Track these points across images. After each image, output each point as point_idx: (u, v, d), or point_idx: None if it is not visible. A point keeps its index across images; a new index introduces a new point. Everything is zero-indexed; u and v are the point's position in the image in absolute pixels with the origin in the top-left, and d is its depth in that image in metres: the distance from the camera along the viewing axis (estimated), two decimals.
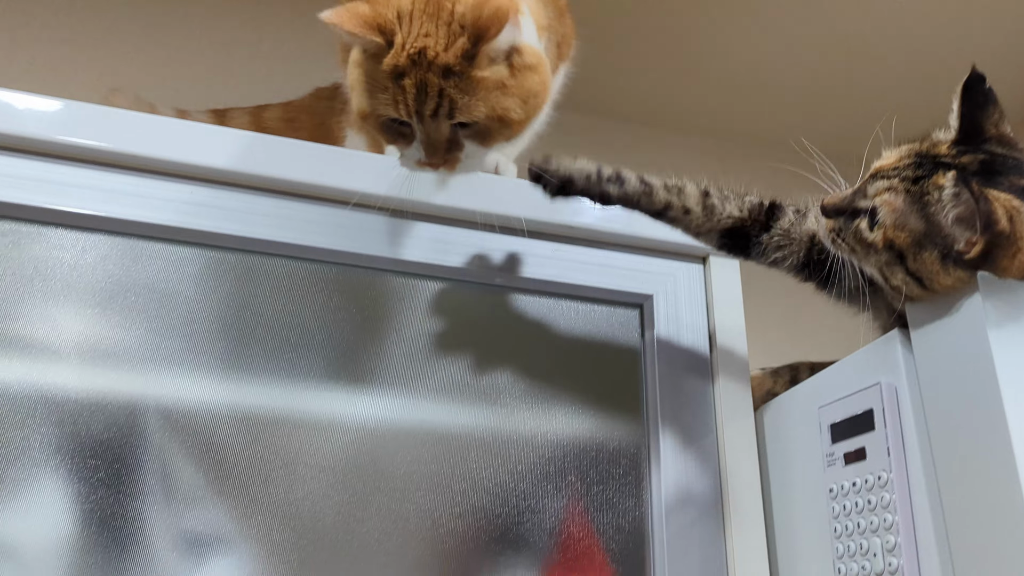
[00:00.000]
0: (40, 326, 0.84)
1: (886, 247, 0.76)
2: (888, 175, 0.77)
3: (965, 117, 0.77)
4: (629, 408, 0.97)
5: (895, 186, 0.76)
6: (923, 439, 0.75)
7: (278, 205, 0.93)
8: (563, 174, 0.85)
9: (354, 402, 0.90)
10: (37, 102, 0.88)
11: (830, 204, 0.81)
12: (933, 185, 0.74)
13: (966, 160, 0.76)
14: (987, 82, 0.77)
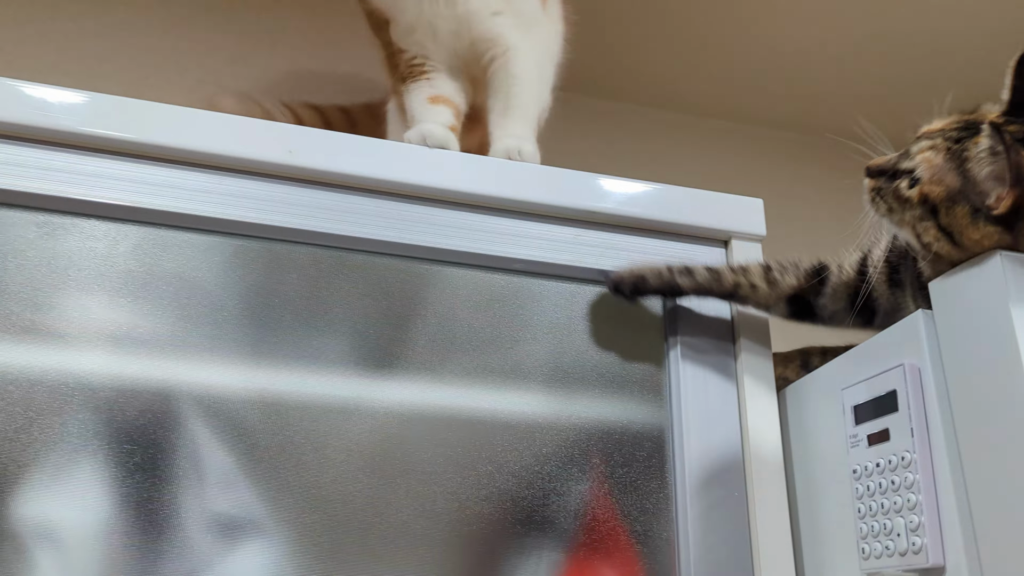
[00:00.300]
0: (75, 315, 0.86)
1: (920, 201, 0.78)
2: (932, 136, 0.80)
3: (1017, 90, 0.78)
4: (653, 390, 0.98)
5: (937, 145, 0.79)
6: (947, 420, 0.76)
7: (304, 194, 0.94)
8: (636, 275, 0.94)
9: (381, 386, 0.92)
10: (68, 95, 0.90)
11: (874, 165, 0.85)
12: (973, 143, 0.76)
13: (1012, 128, 0.76)
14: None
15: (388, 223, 0.96)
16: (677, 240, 1.04)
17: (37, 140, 0.88)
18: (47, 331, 0.85)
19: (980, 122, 0.77)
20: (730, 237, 1.04)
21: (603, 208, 1.01)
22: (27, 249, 0.86)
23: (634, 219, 1.02)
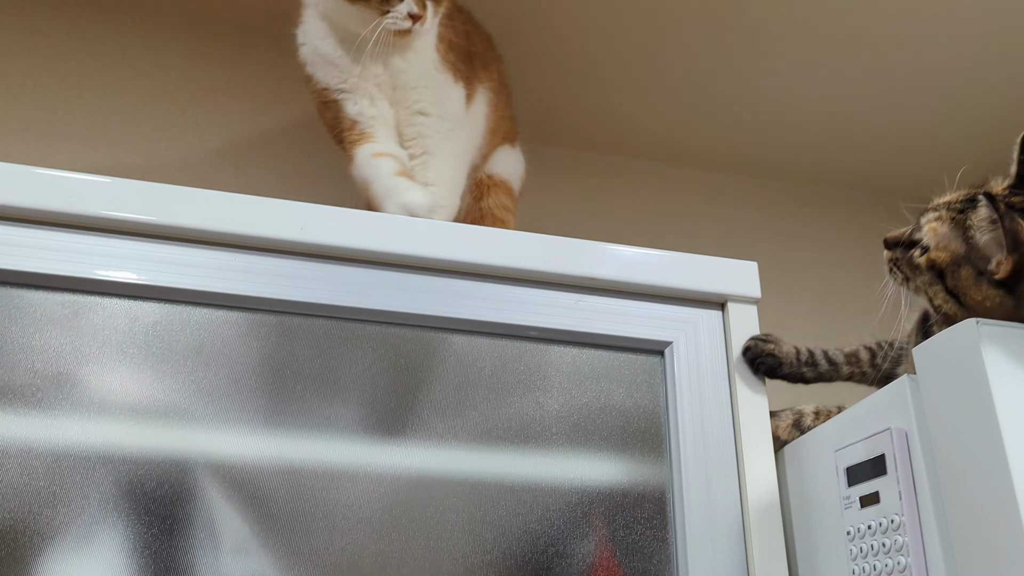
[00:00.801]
0: (97, 389, 0.90)
1: (928, 267, 0.84)
2: (938, 208, 0.86)
3: (1022, 163, 0.82)
4: (654, 453, 1.01)
5: (942, 216, 0.84)
6: (934, 483, 0.78)
7: (314, 268, 0.99)
8: (774, 360, 1.02)
9: (389, 453, 0.95)
10: (87, 181, 0.95)
11: (891, 237, 0.91)
12: (974, 213, 0.81)
13: (1016, 200, 0.80)
14: None
15: (394, 293, 1.00)
16: (676, 304, 1.07)
17: (61, 224, 0.93)
18: (71, 406, 0.89)
19: (986, 193, 0.82)
20: (727, 300, 1.07)
21: (603, 275, 1.05)
22: (52, 328, 0.91)
23: (633, 284, 1.06)
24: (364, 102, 1.20)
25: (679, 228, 1.88)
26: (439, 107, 1.20)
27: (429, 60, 1.19)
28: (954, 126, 1.81)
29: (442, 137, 1.21)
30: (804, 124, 1.82)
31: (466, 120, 1.26)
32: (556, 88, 1.72)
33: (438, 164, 1.20)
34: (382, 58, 1.16)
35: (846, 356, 1.00)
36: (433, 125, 1.20)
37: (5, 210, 0.92)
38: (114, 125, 1.54)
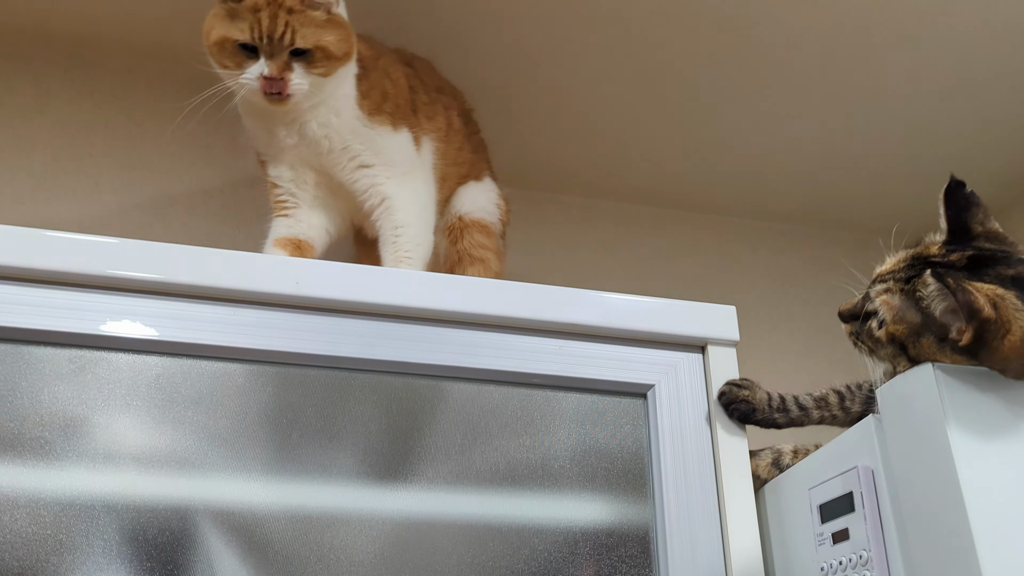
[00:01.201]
0: (103, 440, 0.95)
1: (889, 340, 0.85)
2: (885, 279, 0.87)
3: (951, 219, 0.86)
4: (637, 493, 1.04)
5: (891, 287, 0.86)
6: (899, 518, 0.81)
7: (310, 320, 1.03)
8: (748, 406, 1.05)
9: (382, 497, 0.99)
10: (92, 241, 1.00)
11: (845, 311, 0.92)
12: (922, 283, 0.82)
13: (954, 258, 0.84)
14: (967, 186, 0.86)
15: (384, 343, 1.04)
16: (657, 348, 1.11)
17: (67, 283, 0.98)
18: (78, 457, 0.93)
19: (925, 256, 0.85)
20: (706, 343, 1.12)
21: (585, 320, 1.09)
22: (59, 382, 0.96)
23: (615, 330, 1.10)
24: (283, 168, 1.25)
25: (662, 268, 1.93)
26: (380, 156, 1.23)
27: (353, 119, 1.21)
28: (927, 166, 1.86)
29: (395, 182, 1.24)
30: (783, 168, 1.87)
31: (419, 161, 1.29)
32: (541, 134, 1.78)
33: (400, 206, 1.23)
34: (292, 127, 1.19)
35: (815, 401, 1.03)
36: (381, 174, 1.23)
37: (14, 271, 0.97)
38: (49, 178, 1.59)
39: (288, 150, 1.23)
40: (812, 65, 1.59)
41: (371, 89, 1.24)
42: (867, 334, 0.87)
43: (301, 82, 1.13)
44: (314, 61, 1.14)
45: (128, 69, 1.67)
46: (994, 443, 0.76)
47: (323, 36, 1.14)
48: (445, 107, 1.37)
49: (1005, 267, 0.81)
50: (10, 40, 1.63)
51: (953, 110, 1.70)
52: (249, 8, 1.11)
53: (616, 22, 1.52)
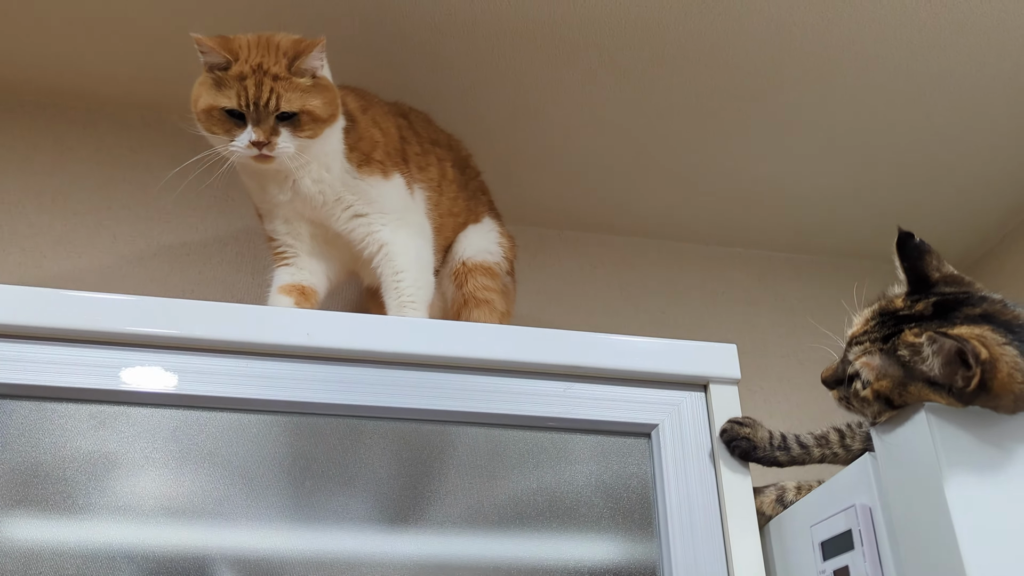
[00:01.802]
0: (123, 493, 0.98)
1: (875, 398, 0.87)
2: (861, 340, 0.89)
3: (908, 270, 0.88)
4: (644, 531, 1.06)
5: (869, 349, 0.88)
6: (897, 554, 0.83)
7: (321, 370, 1.06)
8: (750, 444, 1.07)
9: (396, 541, 1.01)
10: (113, 299, 1.04)
11: (828, 377, 0.94)
12: (903, 342, 0.84)
13: (920, 307, 0.86)
14: (916, 237, 0.88)
15: (394, 390, 1.07)
16: (660, 388, 1.14)
17: (88, 341, 1.02)
18: (99, 509, 0.97)
19: (891, 311, 0.87)
20: (708, 382, 1.14)
21: (589, 363, 1.12)
22: (81, 438, 1.00)
23: (619, 371, 1.13)
24: (277, 222, 1.29)
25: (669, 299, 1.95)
26: (374, 205, 1.27)
27: (343, 172, 1.25)
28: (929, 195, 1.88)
29: (391, 229, 1.28)
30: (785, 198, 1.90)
31: (413, 206, 1.32)
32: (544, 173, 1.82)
33: (399, 252, 1.27)
34: (285, 184, 1.23)
35: (816, 439, 1.05)
36: (376, 221, 1.27)
37: (35, 330, 1.01)
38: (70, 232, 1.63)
39: (283, 205, 1.27)
40: (810, 100, 1.63)
41: (359, 140, 1.28)
42: (854, 397, 0.89)
43: (287, 145, 1.17)
44: (300, 125, 1.18)
45: (144, 124, 1.72)
46: (985, 479, 0.78)
47: (308, 100, 1.18)
48: (439, 159, 1.41)
49: (970, 307, 0.83)
50: (31, 99, 1.69)
51: (952, 142, 1.73)
52: (235, 76, 1.15)
53: (615, 67, 1.56)
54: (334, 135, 1.24)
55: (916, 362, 0.82)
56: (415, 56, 1.55)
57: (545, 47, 1.52)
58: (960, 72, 1.56)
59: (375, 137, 1.30)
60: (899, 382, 0.83)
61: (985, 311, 0.83)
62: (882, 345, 0.85)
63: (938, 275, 0.88)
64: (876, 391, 0.85)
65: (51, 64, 1.61)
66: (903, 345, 0.83)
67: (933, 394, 0.81)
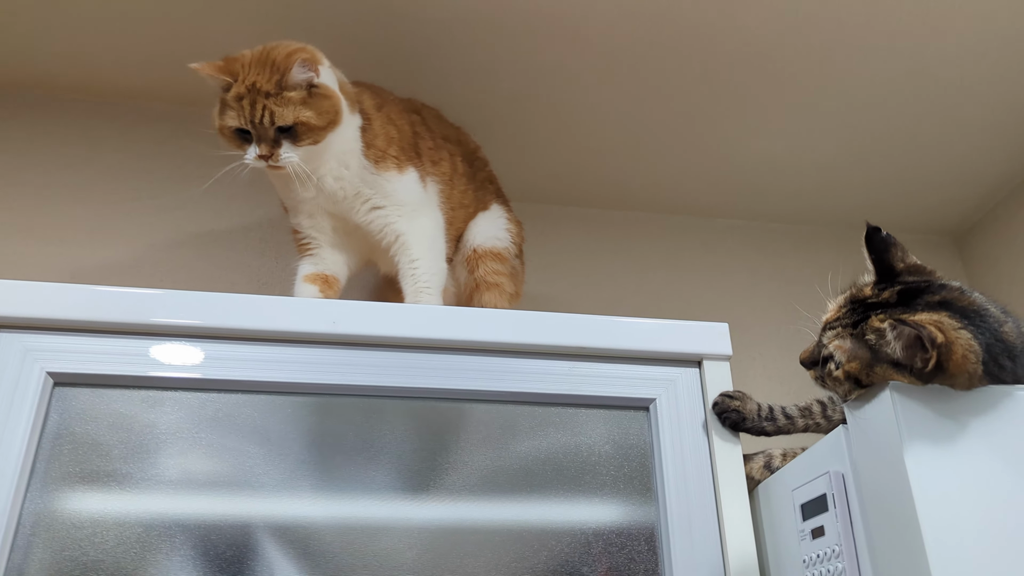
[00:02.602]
0: (175, 469, 1.09)
1: (846, 378, 0.96)
2: (834, 325, 0.98)
3: (876, 262, 0.97)
4: (644, 496, 1.17)
5: (840, 333, 0.97)
6: (865, 516, 0.93)
7: (346, 355, 1.17)
8: (739, 415, 1.16)
9: (418, 509, 1.12)
10: (166, 294, 1.15)
11: (806, 359, 1.04)
12: (870, 327, 0.94)
13: (886, 295, 0.95)
14: (883, 230, 0.97)
15: (415, 372, 1.18)
16: (658, 365, 1.23)
17: (141, 333, 1.13)
18: (153, 483, 1.08)
19: (861, 298, 0.96)
20: (702, 359, 1.24)
21: (592, 343, 1.22)
22: (134, 421, 1.11)
23: (619, 351, 1.22)
24: (302, 216, 1.39)
25: (671, 272, 2.04)
26: (390, 198, 1.36)
27: (361, 168, 1.34)
28: (921, 167, 1.95)
29: (406, 220, 1.37)
30: (784, 173, 1.98)
31: (426, 198, 1.41)
32: (551, 152, 1.90)
33: (414, 241, 1.36)
34: (308, 183, 1.31)
35: (800, 410, 1.15)
36: (392, 213, 1.36)
37: (91, 324, 1.12)
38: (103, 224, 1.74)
39: (307, 201, 1.36)
40: (805, 79, 1.70)
41: (375, 137, 1.37)
42: (829, 376, 0.98)
43: (290, 155, 1.27)
44: (299, 136, 1.26)
45: (168, 116, 1.81)
46: (941, 449, 0.87)
47: (302, 113, 1.25)
48: (450, 154, 1.50)
49: (930, 295, 0.93)
50: (60, 95, 1.78)
51: (944, 115, 1.79)
52: (234, 98, 1.25)
53: (615, 54, 1.63)
54: (349, 134, 1.33)
55: (881, 345, 0.91)
56: (425, 48, 1.63)
57: (548, 37, 1.60)
58: (951, 49, 1.62)
59: (390, 134, 1.39)
60: (867, 363, 0.92)
61: (944, 298, 0.92)
62: (852, 330, 0.94)
63: (902, 265, 0.98)
64: (847, 372, 0.94)
65: (77, 60, 1.70)
66: (870, 330, 0.92)
67: (896, 374, 0.91)
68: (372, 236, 1.38)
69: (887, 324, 0.89)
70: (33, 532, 1.03)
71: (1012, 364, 0.90)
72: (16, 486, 1.03)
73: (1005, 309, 0.95)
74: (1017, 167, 1.95)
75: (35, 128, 1.76)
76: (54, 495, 1.05)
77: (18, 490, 1.03)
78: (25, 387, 1.08)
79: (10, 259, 1.65)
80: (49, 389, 1.10)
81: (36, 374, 1.09)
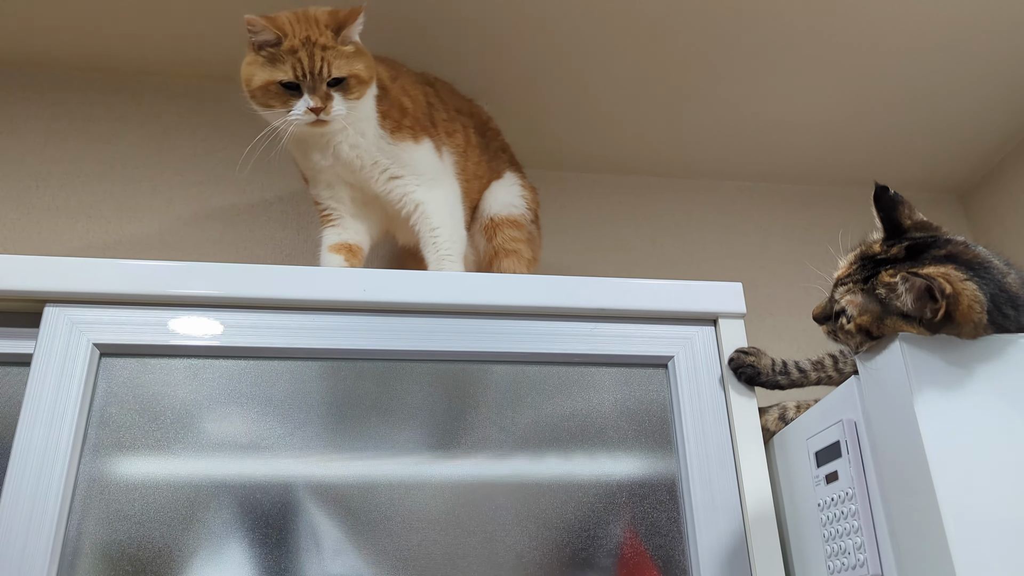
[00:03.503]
0: (215, 434, 1.15)
1: (858, 330, 1.00)
2: (845, 282, 1.02)
3: (884, 219, 1.01)
4: (665, 449, 1.23)
5: (851, 288, 1.01)
6: (877, 462, 0.98)
7: (376, 321, 1.22)
8: (754, 370, 1.21)
9: (447, 465, 1.18)
10: (206, 267, 1.20)
11: (818, 314, 1.08)
12: (880, 282, 0.98)
13: (894, 251, 1.00)
14: (890, 189, 1.01)
15: (443, 336, 1.23)
16: (675, 324, 1.28)
17: (184, 304, 1.18)
18: (196, 447, 1.14)
19: (870, 255, 1.00)
20: (717, 317, 1.28)
21: (612, 304, 1.27)
22: (176, 388, 1.16)
23: (638, 311, 1.27)
24: (321, 187, 1.43)
25: (684, 235, 2.09)
26: (407, 168, 1.40)
27: (378, 138, 1.38)
28: (930, 121, 1.98)
29: (424, 189, 1.41)
30: (794, 133, 2.01)
31: (443, 167, 1.45)
32: (565, 120, 1.94)
33: (434, 210, 1.41)
34: (327, 150, 1.35)
35: (813, 364, 1.19)
36: (411, 183, 1.40)
37: (133, 297, 1.17)
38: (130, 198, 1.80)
39: (325, 170, 1.40)
40: (807, 43, 1.73)
41: (391, 108, 1.41)
42: (841, 329, 1.02)
43: (340, 108, 1.31)
44: (349, 88, 1.31)
45: (189, 93, 1.85)
46: (949, 396, 0.92)
47: (354, 65, 1.32)
48: (463, 126, 1.54)
49: (936, 249, 0.97)
50: (85, 76, 1.82)
51: (948, 72, 1.82)
52: (288, 51, 1.28)
53: (626, 25, 1.66)
54: (369, 100, 1.37)
55: (892, 299, 0.95)
56: (440, 21, 1.66)
57: (560, 7, 1.62)
58: (949, 10, 1.65)
59: (405, 104, 1.43)
60: (877, 316, 0.97)
61: (949, 252, 0.96)
62: (863, 285, 0.99)
63: (909, 222, 1.02)
64: (859, 325, 0.99)
65: (99, 38, 1.74)
66: (880, 285, 0.96)
67: (906, 325, 0.95)
68: (391, 206, 1.42)
69: (899, 278, 0.94)
70: (88, 495, 1.09)
71: (1015, 313, 0.95)
72: (71, 453, 1.09)
73: (1008, 261, 0.99)
74: (1020, 122, 1.97)
75: (60, 107, 1.81)
76: (105, 460, 1.11)
77: (72, 456, 1.09)
78: (74, 359, 1.13)
79: (44, 236, 1.70)
80: (96, 360, 1.15)
81: (84, 346, 1.14)
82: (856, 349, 1.02)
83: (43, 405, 1.10)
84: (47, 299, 1.16)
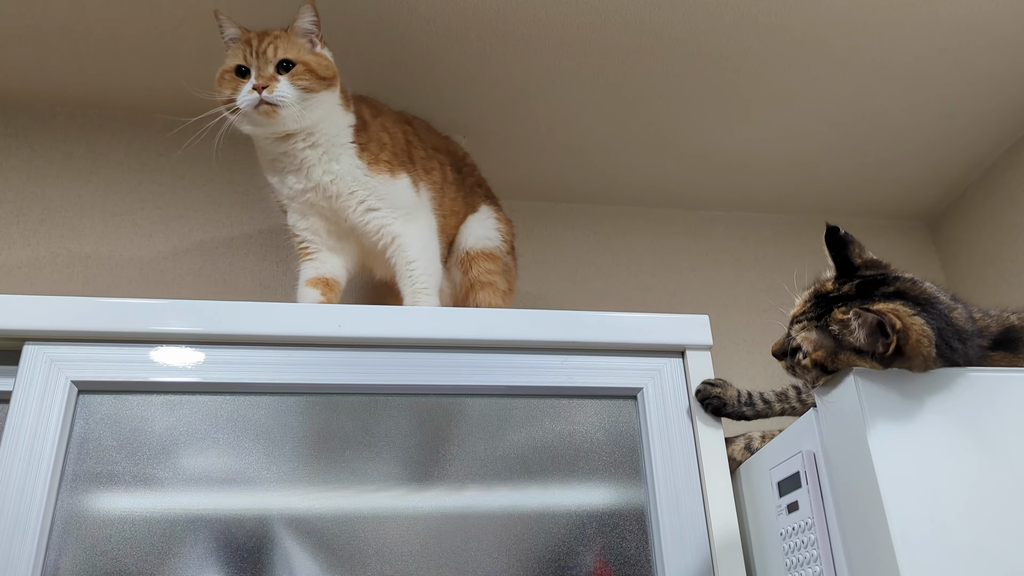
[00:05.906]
0: (193, 468, 1.17)
1: (814, 365, 1.04)
2: (800, 319, 1.06)
3: (835, 258, 1.05)
4: (634, 479, 1.25)
5: (807, 326, 1.05)
6: (835, 492, 1.02)
7: (352, 356, 1.25)
8: (720, 401, 1.24)
9: (420, 498, 1.21)
10: (179, 304, 1.22)
11: (777, 350, 1.12)
12: (833, 319, 1.01)
13: (846, 289, 1.03)
14: (841, 230, 1.05)
15: (416, 370, 1.25)
16: (644, 356, 1.32)
17: (155, 341, 1.20)
18: (173, 482, 1.16)
19: (823, 293, 1.04)
20: (685, 349, 1.32)
21: (582, 337, 1.30)
22: (153, 424, 1.18)
23: (608, 344, 1.31)
24: (295, 216, 1.45)
25: (659, 262, 2.13)
26: (385, 200, 1.42)
27: (356, 169, 1.41)
28: (897, 156, 2.04)
29: (401, 222, 1.43)
30: (763, 163, 2.06)
31: (420, 202, 1.48)
32: (540, 151, 1.98)
33: (410, 244, 1.43)
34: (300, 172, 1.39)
35: (777, 395, 1.23)
36: (388, 215, 1.43)
37: (110, 335, 1.19)
38: (109, 233, 1.82)
39: (301, 197, 1.42)
40: (780, 77, 1.78)
41: (369, 142, 1.44)
42: (799, 365, 1.06)
43: (285, 92, 1.32)
44: (299, 75, 1.34)
45: (168, 128, 1.88)
46: (901, 427, 0.96)
47: (305, 54, 1.36)
48: (440, 163, 1.57)
49: (886, 286, 1.01)
50: (66, 112, 1.85)
51: (914, 102, 1.88)
52: (243, 40, 1.36)
53: (600, 57, 1.71)
54: (341, 123, 1.41)
55: (845, 334, 0.99)
56: (417, 56, 1.70)
57: (535, 43, 1.67)
58: (916, 44, 1.70)
59: (383, 140, 1.46)
60: (832, 352, 1.01)
61: (898, 288, 1.00)
62: (817, 323, 1.02)
63: (860, 260, 1.06)
64: (814, 360, 1.02)
65: (80, 75, 1.76)
66: (834, 321, 1.00)
67: (859, 360, 0.99)
68: (368, 238, 1.45)
69: (851, 314, 0.97)
70: (65, 530, 1.11)
71: (963, 346, 0.99)
72: (49, 488, 1.10)
73: (954, 296, 1.03)
74: (985, 150, 2.03)
75: (40, 144, 1.83)
76: (83, 496, 1.13)
77: (51, 492, 1.11)
78: (52, 396, 1.15)
79: (24, 272, 1.72)
80: (74, 397, 1.17)
81: (62, 383, 1.16)
82: (813, 383, 1.05)
83: (22, 442, 1.12)
84: (26, 337, 1.18)
